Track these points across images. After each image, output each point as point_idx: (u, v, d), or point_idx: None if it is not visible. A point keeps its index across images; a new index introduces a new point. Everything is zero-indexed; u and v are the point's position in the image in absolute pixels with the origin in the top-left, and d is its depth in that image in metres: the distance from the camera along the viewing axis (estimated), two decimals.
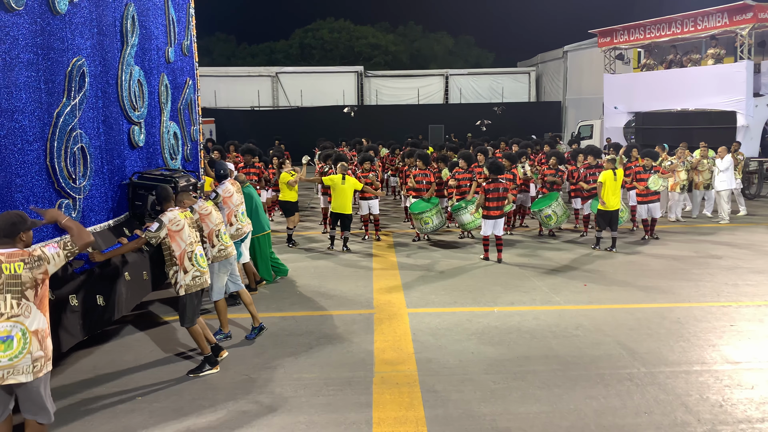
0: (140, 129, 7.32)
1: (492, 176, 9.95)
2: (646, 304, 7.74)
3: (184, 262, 5.67)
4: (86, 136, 5.95)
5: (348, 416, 4.95)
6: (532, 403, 5.12)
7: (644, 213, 11.51)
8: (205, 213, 6.49)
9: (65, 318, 5.39)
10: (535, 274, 9.22)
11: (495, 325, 7.03)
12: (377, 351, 6.29)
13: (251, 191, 8.66)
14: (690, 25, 19.97)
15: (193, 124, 9.45)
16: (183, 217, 5.74)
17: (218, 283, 6.60)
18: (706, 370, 5.75)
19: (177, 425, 4.85)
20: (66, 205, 5.63)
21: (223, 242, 6.57)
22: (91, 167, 6.05)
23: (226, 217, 7.58)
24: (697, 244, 11.24)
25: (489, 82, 35.05)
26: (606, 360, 5.99)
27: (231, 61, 46.61)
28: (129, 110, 6.99)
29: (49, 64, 5.39)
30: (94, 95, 6.14)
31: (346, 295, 8.30)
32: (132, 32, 7.03)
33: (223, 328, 6.72)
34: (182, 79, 8.99)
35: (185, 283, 5.67)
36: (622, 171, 10.68)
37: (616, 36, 22.90)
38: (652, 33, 21.52)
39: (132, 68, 7.05)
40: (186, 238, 5.68)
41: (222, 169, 7.81)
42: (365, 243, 11.58)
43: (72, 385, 5.59)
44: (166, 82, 8.22)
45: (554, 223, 11.55)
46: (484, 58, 50.57)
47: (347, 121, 27.93)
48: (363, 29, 49.21)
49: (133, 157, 7.21)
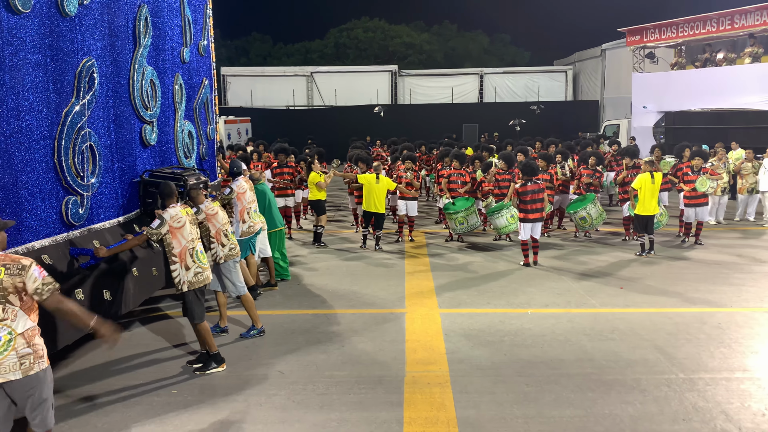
0: (152, 128, 7.47)
1: (525, 178, 9.65)
2: (685, 308, 7.54)
3: (186, 258, 5.71)
4: (95, 134, 6.09)
5: (379, 415, 4.96)
6: (566, 407, 5.05)
7: (692, 216, 11.05)
8: (212, 213, 6.49)
9: None
10: (569, 277, 9.08)
11: (528, 327, 6.95)
12: (409, 350, 6.29)
13: (265, 188, 8.82)
14: (727, 23, 19.49)
15: (209, 123, 9.61)
16: (185, 213, 5.80)
17: (237, 279, 6.65)
18: (748, 377, 5.58)
19: (211, 418, 4.95)
20: (73, 202, 5.77)
21: (232, 241, 6.62)
22: (100, 165, 6.19)
23: (239, 213, 7.69)
24: (740, 248, 10.90)
25: (525, 80, 34.60)
26: (642, 365, 5.86)
27: (267, 60, 47.22)
28: (141, 109, 7.14)
29: (58, 64, 5.53)
30: (104, 95, 6.30)
31: (378, 294, 8.32)
32: (145, 33, 7.18)
33: (255, 323, 6.79)
34: (198, 79, 9.15)
35: (187, 280, 5.72)
36: (660, 174, 10.31)
37: (646, 34, 22.40)
38: (685, 31, 21.02)
39: (144, 68, 7.20)
40: (187, 235, 5.74)
41: (236, 166, 7.96)
42: (398, 243, 11.57)
43: (76, 378, 5.74)
44: (181, 82, 8.38)
45: (589, 225, 11.25)
46: (520, 56, 50.00)
47: (381, 121, 27.96)
48: (397, 28, 49.21)
49: (145, 156, 7.37)
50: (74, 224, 5.82)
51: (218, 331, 6.80)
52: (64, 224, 5.70)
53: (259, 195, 8.57)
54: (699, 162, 11.01)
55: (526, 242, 9.70)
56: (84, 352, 6.32)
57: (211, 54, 9.85)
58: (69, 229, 5.76)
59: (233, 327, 7.05)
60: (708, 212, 11.13)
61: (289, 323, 7.17)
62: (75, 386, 5.58)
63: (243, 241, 7.75)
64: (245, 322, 7.06)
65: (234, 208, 7.71)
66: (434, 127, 27.60)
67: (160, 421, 4.93)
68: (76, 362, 6.13)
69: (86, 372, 5.91)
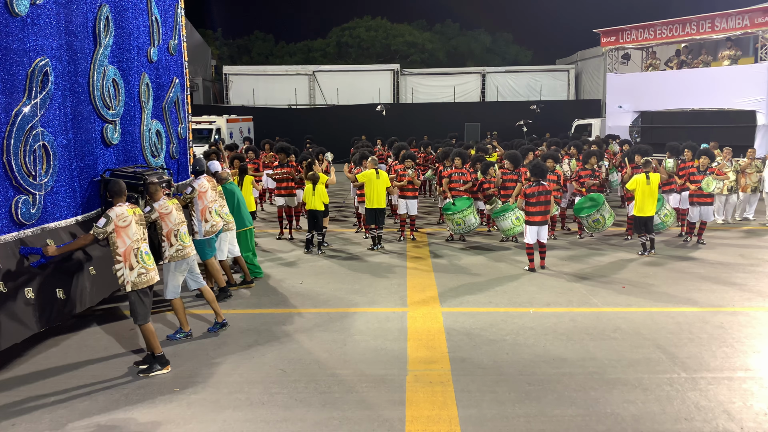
0: (115, 127, 7.48)
1: (534, 179, 9.32)
2: (687, 308, 7.54)
3: (130, 258, 5.71)
4: (50, 134, 6.09)
5: (381, 413, 4.97)
6: (568, 406, 5.05)
7: (696, 216, 10.99)
8: (166, 212, 6.49)
9: (20, 310, 5.50)
10: (571, 276, 9.08)
11: (530, 326, 6.95)
12: (411, 349, 6.30)
13: (233, 188, 8.84)
14: (707, 26, 19.98)
15: (180, 122, 9.62)
16: (131, 213, 5.81)
17: (173, 281, 6.62)
18: (750, 376, 5.58)
19: (214, 416, 4.96)
20: (24, 201, 5.77)
21: (181, 242, 6.57)
22: (54, 164, 6.18)
23: (200, 212, 7.71)
24: (742, 247, 10.88)
25: (527, 79, 34.56)
26: (645, 364, 5.86)
27: (269, 59, 47.22)
28: (102, 109, 7.14)
29: (7, 64, 5.53)
30: (60, 94, 6.29)
31: (380, 293, 8.33)
32: (106, 33, 7.17)
33: (183, 326, 6.78)
34: (167, 79, 9.15)
35: (131, 280, 5.71)
36: (657, 175, 10.21)
37: (622, 36, 22.73)
38: (663, 33, 21.41)
39: (106, 68, 7.20)
40: (132, 235, 5.74)
41: (198, 165, 8.00)
42: (400, 243, 11.58)
43: (20, 378, 5.76)
44: (147, 81, 8.39)
45: (602, 227, 10.94)
46: (523, 55, 49.90)
47: (383, 120, 27.93)
48: (400, 27, 49.16)
49: (107, 155, 7.37)
50: (25, 223, 5.81)
51: (183, 336, 6.77)
52: (14, 223, 5.69)
53: (228, 194, 8.61)
54: (706, 161, 10.96)
55: (531, 246, 9.42)
56: (37, 351, 6.36)
57: (183, 53, 9.83)
58: (20, 228, 5.75)
59: (201, 324, 7.07)
60: (712, 212, 11.06)
61: (291, 321, 7.18)
62: (26, 383, 5.63)
63: (204, 241, 7.77)
64: (207, 320, 7.07)
65: (195, 207, 7.73)
66: (436, 126, 27.57)
67: (124, 412, 4.95)
68: (30, 361, 6.15)
69: (40, 373, 5.90)
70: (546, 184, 9.35)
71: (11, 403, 5.24)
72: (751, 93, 18.25)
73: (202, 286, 6.93)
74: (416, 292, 8.33)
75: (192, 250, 6.75)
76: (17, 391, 5.49)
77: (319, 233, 10.74)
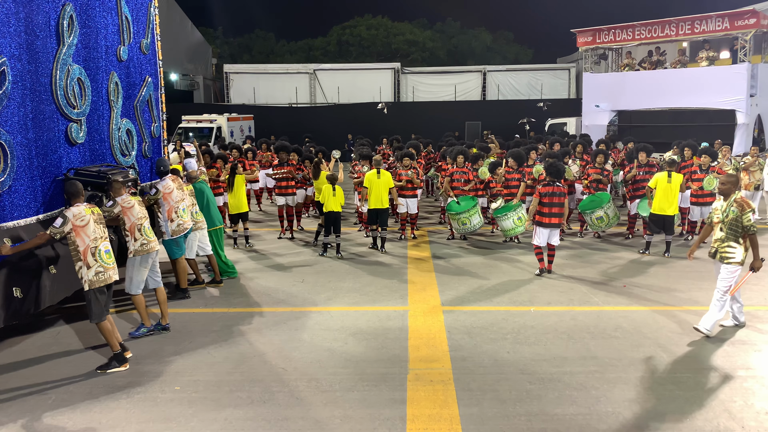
0: (80, 126, 7.45)
1: (550, 179, 8.95)
2: (688, 307, 7.54)
3: (88, 257, 5.75)
4: (7, 133, 6.06)
5: (382, 412, 4.98)
6: (569, 405, 5.05)
7: (697, 215, 10.96)
8: (128, 206, 6.55)
9: None
10: (572, 274, 9.08)
11: (531, 324, 6.95)
12: (411, 348, 6.30)
13: (203, 187, 8.86)
14: (687, 28, 20.65)
15: (153, 121, 9.59)
16: (89, 212, 5.83)
17: (138, 276, 6.67)
18: (751, 375, 5.58)
19: (216, 414, 4.97)
20: None
21: (145, 236, 6.62)
22: (12, 164, 6.14)
23: (167, 213, 7.72)
24: None
25: (528, 78, 34.55)
26: (646, 363, 5.86)
27: (270, 58, 47.23)
28: (66, 108, 7.11)
29: None
30: (20, 93, 6.26)
31: (381, 291, 8.33)
32: (70, 32, 7.14)
33: (145, 322, 6.83)
34: (139, 78, 9.14)
35: (88, 279, 5.75)
36: (679, 176, 9.96)
37: (599, 36, 23.08)
38: (642, 34, 21.88)
39: (70, 67, 7.17)
40: (90, 234, 5.77)
41: (162, 166, 8.01)
42: (401, 242, 11.58)
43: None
44: (117, 80, 8.37)
45: (605, 226, 10.95)
46: (523, 54, 49.91)
47: (384, 118, 27.93)
48: (400, 26, 49.17)
49: (72, 154, 7.34)
50: None
51: (147, 332, 6.81)
52: None
53: (198, 193, 8.66)
54: (707, 160, 10.94)
55: (540, 248, 9.04)
56: (3, 347, 6.40)
57: (157, 52, 9.81)
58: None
59: (182, 323, 7.06)
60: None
61: (293, 320, 7.19)
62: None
63: (172, 240, 7.79)
64: (185, 319, 7.04)
65: (161, 208, 7.74)
66: (437, 124, 27.56)
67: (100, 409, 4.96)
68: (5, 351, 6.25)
69: (4, 367, 5.99)
70: (561, 185, 9.02)
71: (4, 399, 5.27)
72: (732, 93, 19.05)
73: (160, 286, 6.96)
74: (417, 290, 8.34)
75: (156, 244, 6.80)
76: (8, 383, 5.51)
77: (338, 235, 10.49)
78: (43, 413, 5.08)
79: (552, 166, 9.08)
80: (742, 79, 19.01)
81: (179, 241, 7.90)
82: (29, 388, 5.54)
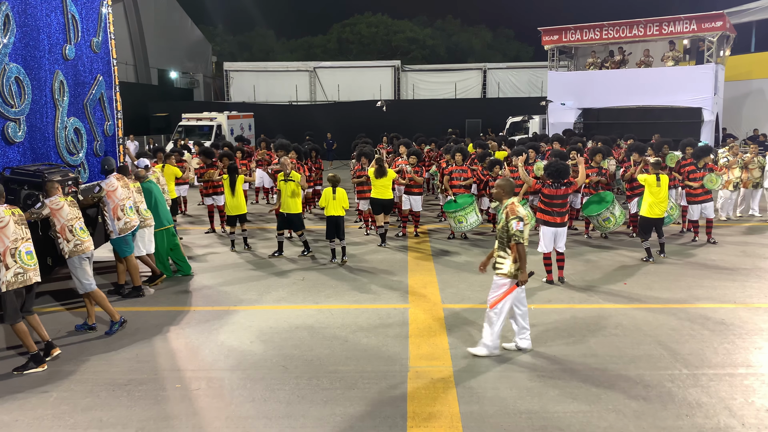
0: (18, 125, 7.43)
1: (553, 180, 8.48)
2: (688, 305, 7.54)
3: (7, 258, 5.70)
4: None
5: (383, 410, 4.98)
6: (569, 402, 5.06)
7: (696, 214, 10.93)
8: (56, 208, 6.51)
9: None
10: (573, 272, 9.08)
11: (532, 322, 6.93)
12: (412, 346, 6.30)
13: (150, 186, 8.84)
14: (655, 29, 21.38)
15: (106, 119, 9.57)
16: (8, 213, 5.79)
17: (83, 276, 6.68)
18: (751, 373, 5.58)
19: (216, 413, 4.98)
20: None
21: (78, 237, 6.61)
22: None
23: (112, 211, 7.72)
24: (744, 244, 10.88)
25: (528, 75, 34.53)
26: (646, 360, 5.87)
27: (270, 56, 47.21)
28: (2, 107, 7.10)
29: None
30: None
31: (381, 289, 8.34)
32: (5, 30, 7.11)
33: (89, 318, 6.88)
34: (89, 76, 9.11)
35: (6, 280, 5.70)
36: (666, 177, 9.75)
37: (565, 35, 23.48)
38: (609, 34, 22.45)
39: (6, 65, 7.15)
40: (10, 235, 5.73)
41: (106, 165, 8.02)
42: (401, 239, 11.58)
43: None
44: (62, 79, 8.35)
45: (614, 226, 10.54)
46: (524, 51, 49.88)
47: (384, 116, 27.91)
48: (400, 23, 49.15)
49: (9, 153, 7.33)
50: None
51: (86, 329, 6.84)
52: None
53: (145, 192, 8.64)
54: (707, 159, 10.92)
55: (549, 255, 8.47)
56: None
57: (111, 50, 9.75)
58: None
59: (143, 321, 7.06)
60: (713, 209, 11.01)
61: (294, 318, 7.19)
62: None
63: (121, 238, 7.79)
64: (142, 317, 7.04)
65: (107, 206, 7.75)
66: (437, 122, 27.55)
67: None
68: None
69: None
70: (566, 186, 8.57)
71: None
72: (699, 91, 20.33)
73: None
74: (417, 288, 8.34)
75: (91, 244, 6.80)
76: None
77: (342, 240, 9.81)
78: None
79: (552, 166, 8.82)
80: (709, 78, 20.27)
81: (128, 239, 7.89)
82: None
